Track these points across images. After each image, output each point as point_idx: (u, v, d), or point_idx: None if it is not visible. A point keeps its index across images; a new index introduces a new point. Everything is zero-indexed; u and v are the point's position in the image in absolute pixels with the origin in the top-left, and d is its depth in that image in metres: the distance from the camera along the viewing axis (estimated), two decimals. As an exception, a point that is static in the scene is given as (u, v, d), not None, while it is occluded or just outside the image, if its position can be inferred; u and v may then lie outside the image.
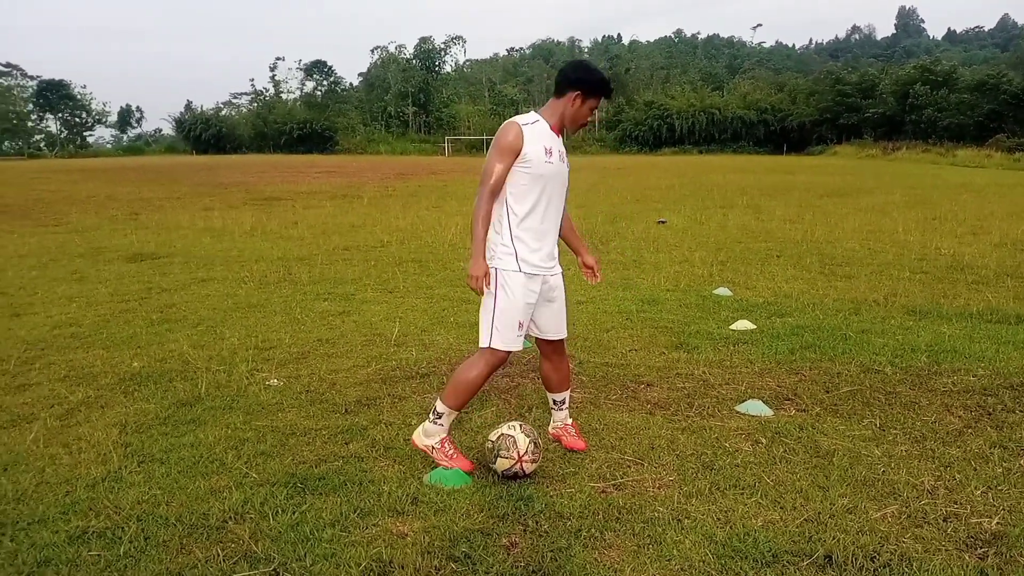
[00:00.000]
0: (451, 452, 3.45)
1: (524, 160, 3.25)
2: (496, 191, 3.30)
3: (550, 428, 3.88)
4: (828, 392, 4.57)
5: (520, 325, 3.35)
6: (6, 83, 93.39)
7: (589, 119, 3.45)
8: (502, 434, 3.35)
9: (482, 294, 3.34)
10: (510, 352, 3.38)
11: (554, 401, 3.81)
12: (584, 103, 3.33)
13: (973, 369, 4.96)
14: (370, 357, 5.36)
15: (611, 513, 3.08)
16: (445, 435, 3.47)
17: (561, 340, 3.63)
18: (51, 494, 3.25)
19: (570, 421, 3.84)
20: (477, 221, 3.28)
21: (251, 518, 3.04)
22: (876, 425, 4.04)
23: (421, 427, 3.53)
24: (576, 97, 3.30)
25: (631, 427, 4.02)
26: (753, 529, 2.94)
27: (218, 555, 2.77)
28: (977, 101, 55.15)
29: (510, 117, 3.40)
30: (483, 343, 3.34)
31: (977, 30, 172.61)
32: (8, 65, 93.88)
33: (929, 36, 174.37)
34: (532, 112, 3.39)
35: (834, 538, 2.86)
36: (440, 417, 3.44)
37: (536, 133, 3.29)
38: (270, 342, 5.77)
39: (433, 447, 3.44)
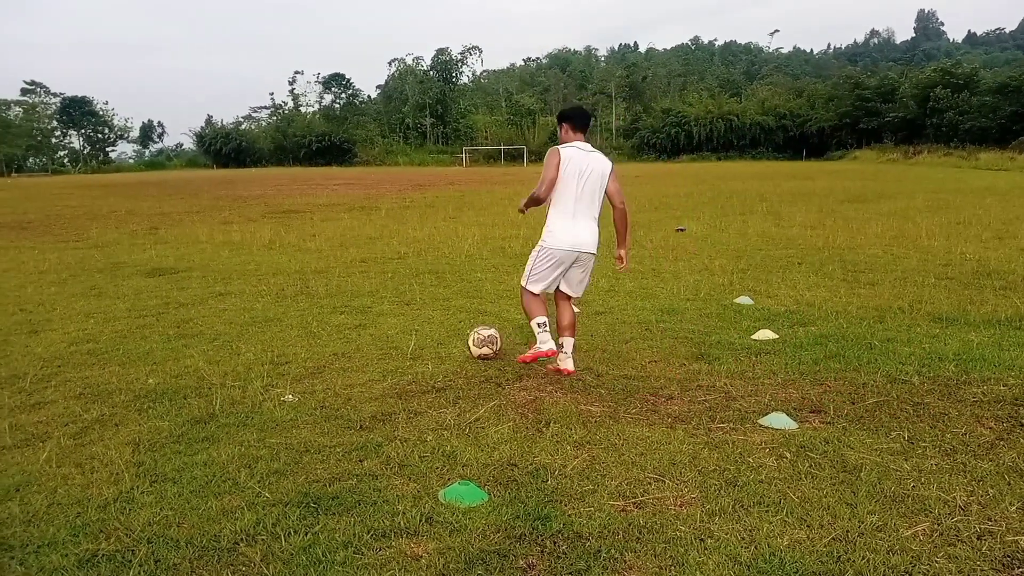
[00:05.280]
0: None
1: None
2: None
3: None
4: (854, 404, 4.45)
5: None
6: (30, 101, 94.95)
7: None
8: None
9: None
10: None
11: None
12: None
13: (1003, 378, 4.83)
14: (386, 371, 5.30)
15: (631, 533, 2.99)
16: None
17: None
18: (62, 515, 3.21)
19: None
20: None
21: (263, 539, 2.98)
22: (904, 438, 3.92)
23: None
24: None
25: (652, 442, 3.93)
26: (779, 549, 2.84)
27: (228, 579, 2.72)
28: (999, 103, 54.44)
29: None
30: None
31: (998, 32, 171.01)
32: (32, 83, 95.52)
33: (949, 39, 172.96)
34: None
35: (864, 558, 2.76)
36: None
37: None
38: (286, 357, 5.73)
39: None
